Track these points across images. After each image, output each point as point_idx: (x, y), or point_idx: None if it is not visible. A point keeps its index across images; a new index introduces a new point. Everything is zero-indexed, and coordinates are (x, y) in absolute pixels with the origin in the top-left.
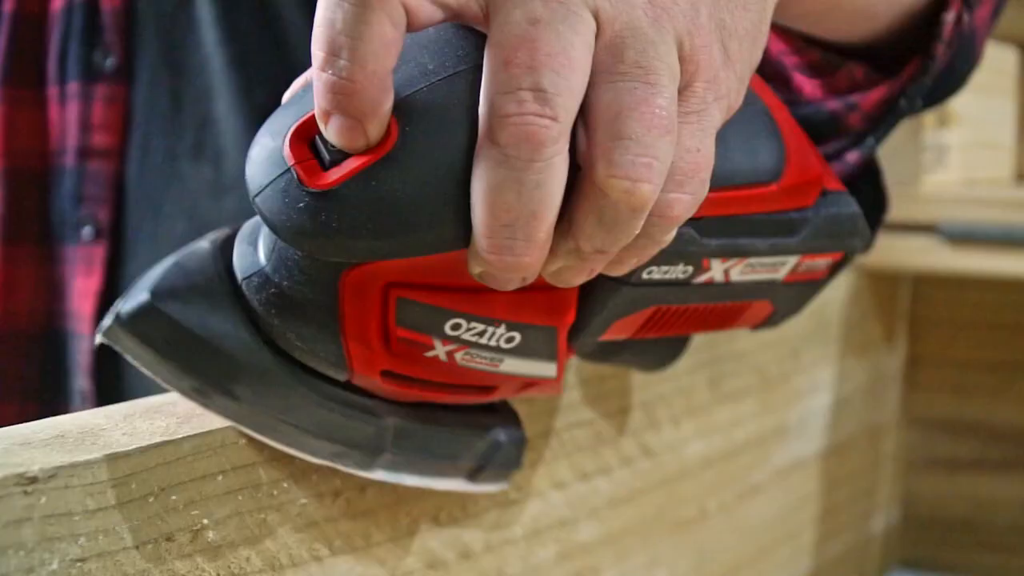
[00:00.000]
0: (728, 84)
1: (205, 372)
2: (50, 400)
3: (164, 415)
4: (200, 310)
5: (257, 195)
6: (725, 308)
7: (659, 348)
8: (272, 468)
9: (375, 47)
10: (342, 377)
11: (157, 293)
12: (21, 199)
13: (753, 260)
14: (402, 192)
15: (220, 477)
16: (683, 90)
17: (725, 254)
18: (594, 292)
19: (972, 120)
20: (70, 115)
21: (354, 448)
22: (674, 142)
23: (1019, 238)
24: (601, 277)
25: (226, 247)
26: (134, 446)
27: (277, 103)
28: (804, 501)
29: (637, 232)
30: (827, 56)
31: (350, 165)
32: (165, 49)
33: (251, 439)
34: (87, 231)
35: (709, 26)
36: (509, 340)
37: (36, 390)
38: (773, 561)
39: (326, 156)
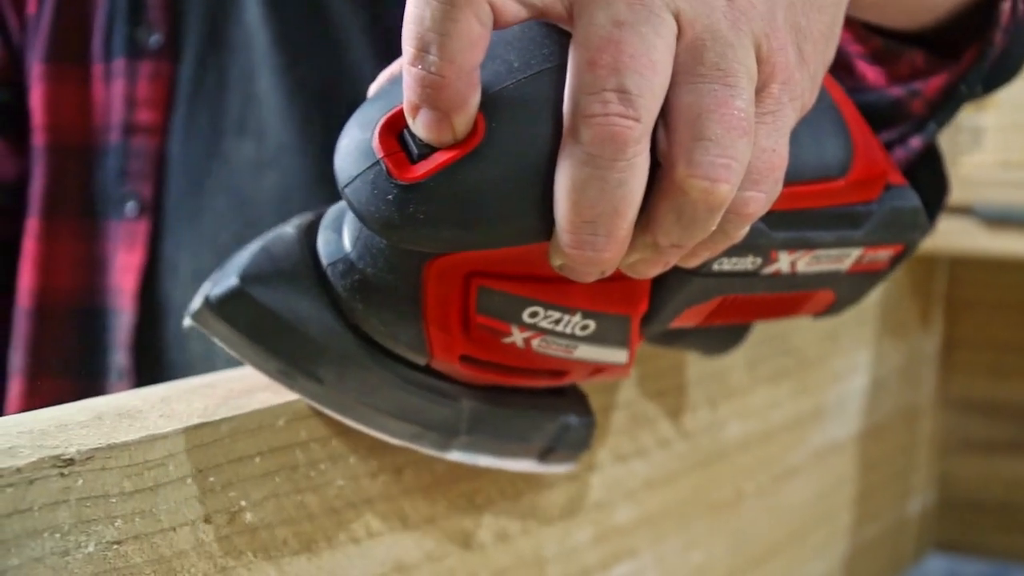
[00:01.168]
0: (802, 85)
1: (291, 355)
2: (87, 376)
3: (201, 397)
4: (286, 294)
5: (346, 186)
6: (790, 297)
7: (722, 334)
8: (309, 450)
9: (463, 43)
10: (421, 361)
11: (246, 277)
12: (63, 175)
13: (819, 252)
14: (487, 186)
15: (258, 459)
16: (759, 91)
17: (793, 246)
18: (666, 282)
19: (1008, 102)
20: (115, 92)
21: (431, 430)
22: (751, 142)
23: None
24: (673, 268)
25: (310, 232)
26: (171, 428)
27: (320, 81)
28: (840, 483)
29: (713, 228)
30: (889, 44)
31: (438, 159)
32: (211, 26)
33: (287, 422)
34: (131, 207)
35: (785, 28)
36: (584, 328)
37: (73, 366)
38: (809, 543)
39: (414, 149)
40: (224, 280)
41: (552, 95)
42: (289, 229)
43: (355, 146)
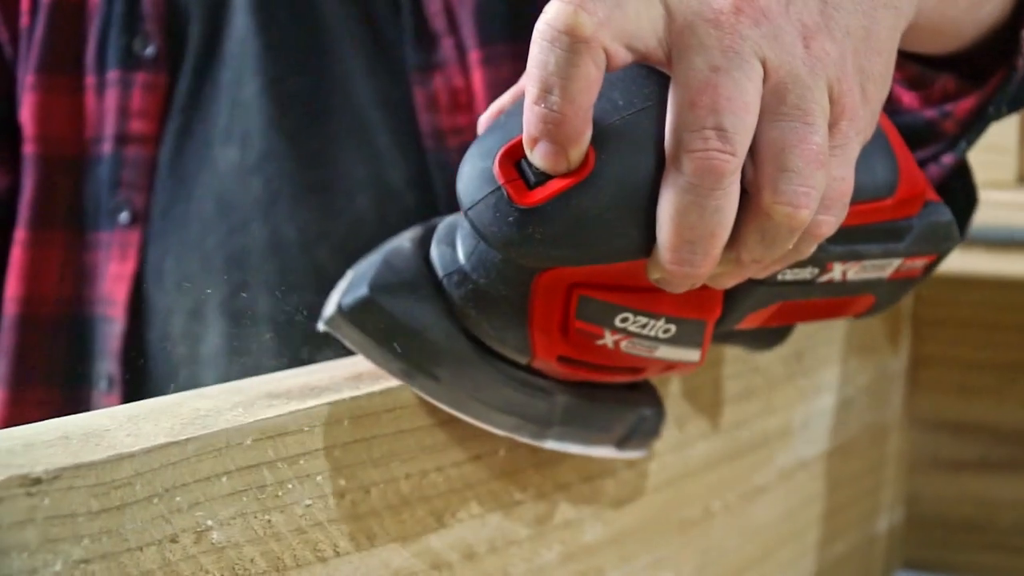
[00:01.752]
0: (865, 120)
1: (412, 356)
2: (73, 385)
3: (168, 416)
4: (409, 303)
5: (470, 208)
6: (838, 302)
7: (770, 333)
8: (276, 469)
9: (581, 86)
10: (524, 361)
11: (374, 287)
12: (52, 185)
13: (867, 263)
14: (596, 211)
15: (225, 478)
16: (831, 127)
17: (846, 258)
18: (736, 291)
19: None
20: (108, 102)
21: (530, 421)
22: (827, 173)
23: (1022, 240)
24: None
25: (423, 246)
26: (138, 447)
27: (309, 90)
28: (808, 502)
29: (791, 247)
30: (923, 71)
31: (554, 186)
32: (206, 37)
33: (255, 441)
34: (124, 216)
35: (852, 72)
36: (666, 331)
37: (60, 375)
38: (777, 561)
39: (531, 177)
40: (354, 290)
41: (653, 130)
42: (405, 243)
43: (477, 173)
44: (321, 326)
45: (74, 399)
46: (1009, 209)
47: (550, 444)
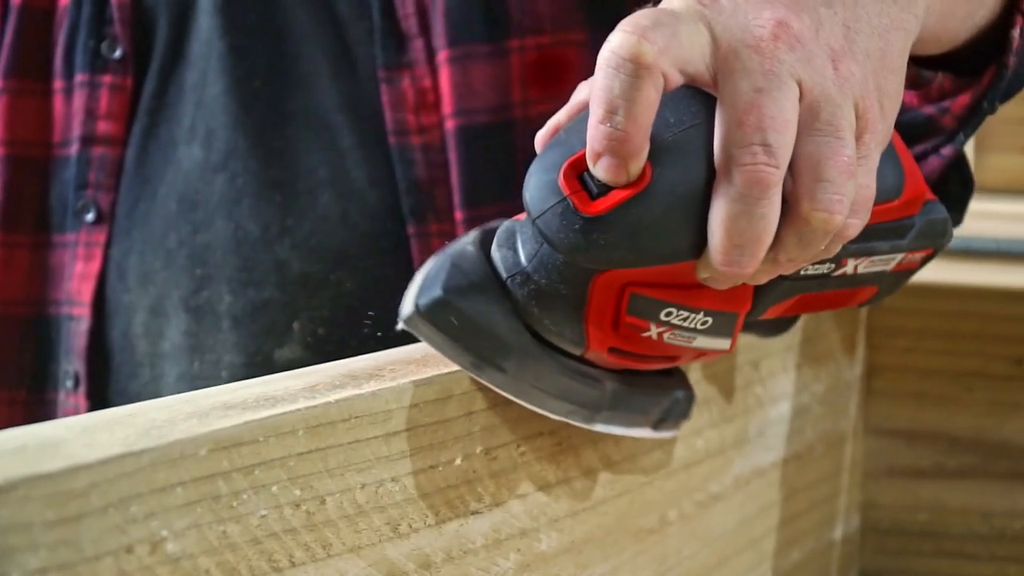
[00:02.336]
0: (883, 132)
1: (482, 350)
2: (41, 386)
3: (124, 427)
4: (478, 302)
5: (538, 217)
6: (847, 293)
7: (782, 321)
8: (232, 480)
9: (643, 107)
10: (578, 352)
11: (447, 289)
12: (20, 187)
13: (875, 258)
14: (652, 219)
15: (179, 489)
16: (857, 140)
17: (859, 255)
18: (764, 285)
19: None
20: (76, 105)
21: (583, 407)
22: (856, 182)
23: (977, 249)
24: None
25: (484, 248)
26: (94, 458)
27: (272, 90)
28: (764, 509)
29: (823, 248)
30: (921, 72)
31: (615, 197)
32: (172, 40)
33: (210, 452)
34: (90, 216)
35: (873, 90)
36: (704, 323)
37: (28, 376)
38: (734, 569)
39: (593, 188)
40: (429, 292)
41: (701, 145)
42: (468, 247)
43: (543, 185)
44: (400, 325)
45: (41, 399)
46: (965, 218)
47: (598, 427)
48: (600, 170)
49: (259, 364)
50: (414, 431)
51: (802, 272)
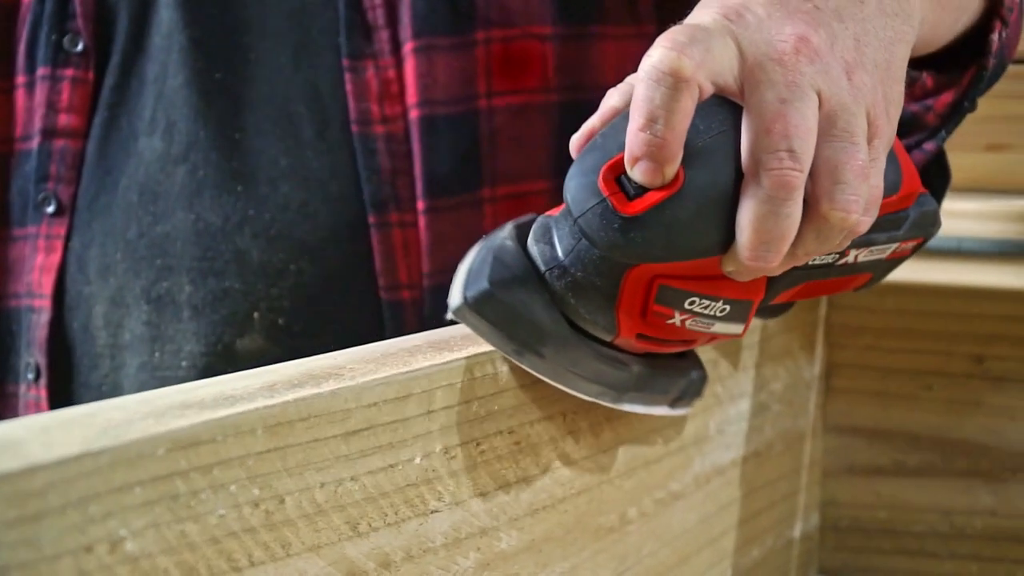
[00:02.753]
0: (889, 136)
1: (523, 338)
2: (3, 379)
3: (82, 426)
4: (519, 293)
5: (579, 217)
6: (845, 280)
7: (781, 306)
8: (190, 479)
9: (681, 116)
10: (609, 338)
11: (493, 282)
12: None
13: (874, 248)
14: (685, 218)
15: (138, 488)
16: (868, 144)
17: (860, 245)
18: (777, 275)
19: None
20: (38, 98)
21: (612, 388)
22: (869, 183)
23: (937, 247)
24: None
25: (520, 242)
26: (52, 458)
27: (233, 82)
28: (724, 508)
29: (837, 243)
30: (908, 73)
31: (651, 198)
32: (133, 33)
33: (167, 451)
34: (50, 209)
35: (881, 98)
36: (722, 311)
37: None
38: (693, 568)
39: (630, 190)
40: (475, 284)
41: (729, 150)
42: (507, 242)
43: (584, 187)
44: (449, 315)
45: (2, 392)
46: None
47: (624, 406)
48: (638, 173)
49: (219, 354)
50: (373, 430)
51: (810, 263)
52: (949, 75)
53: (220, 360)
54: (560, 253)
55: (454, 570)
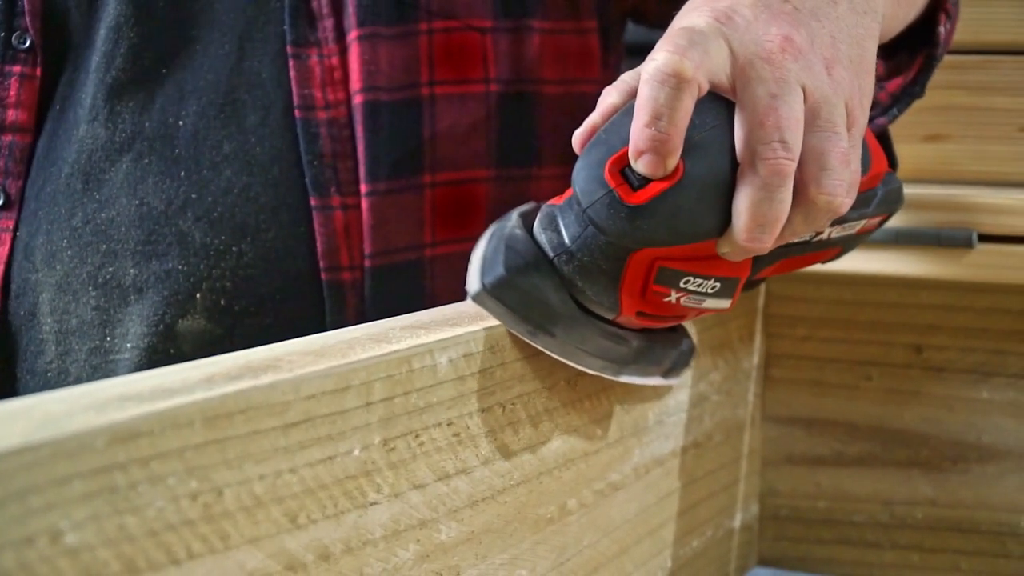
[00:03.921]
0: (863, 123)
1: (536, 319)
2: None
3: (22, 419)
4: (532, 278)
5: (588, 207)
6: (818, 254)
7: (757, 279)
8: (128, 472)
9: (683, 113)
10: (611, 317)
11: (508, 269)
12: None
13: (846, 224)
14: (686, 206)
15: (78, 481)
16: (846, 132)
17: (834, 223)
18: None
19: None
20: None
21: (614, 362)
22: (850, 168)
23: (873, 237)
24: None
25: (527, 229)
26: None
27: (179, 71)
28: (664, 498)
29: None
30: None
31: (654, 188)
32: (81, 30)
33: (106, 444)
34: None
35: (856, 90)
36: (713, 288)
37: None
38: (633, 558)
39: (634, 181)
40: (492, 271)
41: (724, 142)
42: (516, 231)
43: (591, 179)
44: (468, 300)
45: None
46: None
47: (624, 378)
48: (642, 165)
49: (162, 334)
50: (312, 422)
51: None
52: (897, 62)
53: (163, 340)
54: (567, 240)
55: (393, 562)
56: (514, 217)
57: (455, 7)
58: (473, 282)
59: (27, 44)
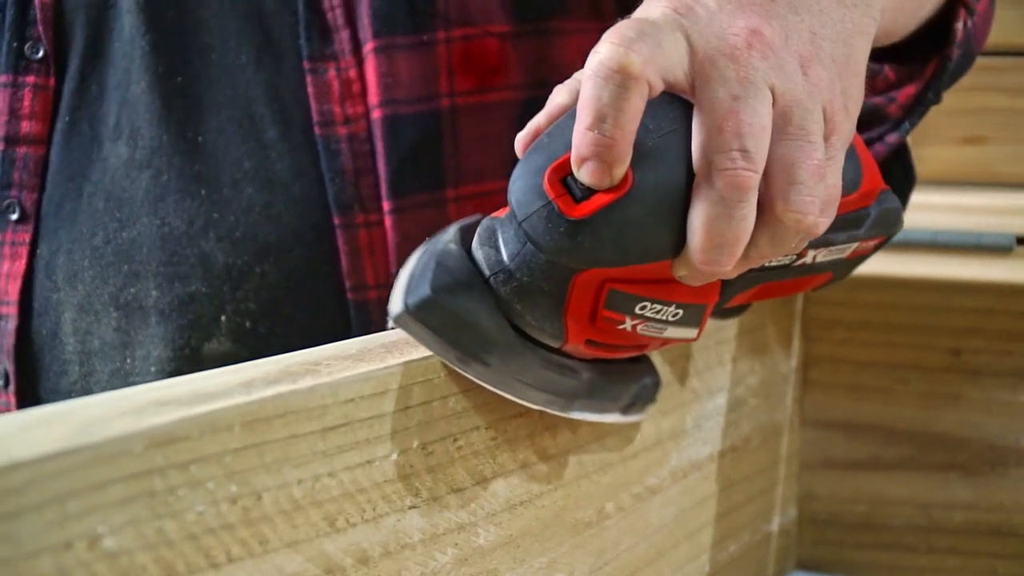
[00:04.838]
0: (848, 133)
1: (468, 346)
2: None
3: (60, 424)
4: (463, 300)
5: (524, 220)
6: (804, 280)
7: (737, 307)
8: (167, 476)
9: (630, 115)
10: (557, 345)
11: (435, 288)
12: None
13: (833, 247)
14: (635, 221)
15: (116, 485)
16: (824, 141)
17: (818, 246)
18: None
19: None
20: (0, 106)
21: (560, 396)
22: (826, 183)
23: (913, 240)
24: None
25: (464, 246)
26: (31, 455)
27: (195, 86)
28: (702, 502)
29: (794, 246)
30: (870, 66)
31: (599, 200)
32: (92, 39)
33: (145, 448)
34: (14, 216)
35: (839, 94)
36: (675, 315)
37: None
38: (671, 562)
39: (577, 192)
40: (417, 291)
41: (680, 150)
42: (451, 246)
43: (528, 188)
44: (390, 323)
45: None
46: None
47: (574, 414)
48: (585, 174)
49: (187, 358)
50: (350, 426)
51: (766, 264)
52: (912, 67)
53: (187, 364)
54: (505, 257)
55: (432, 566)
56: (452, 231)
57: (472, 13)
58: (396, 303)
59: (40, 54)
